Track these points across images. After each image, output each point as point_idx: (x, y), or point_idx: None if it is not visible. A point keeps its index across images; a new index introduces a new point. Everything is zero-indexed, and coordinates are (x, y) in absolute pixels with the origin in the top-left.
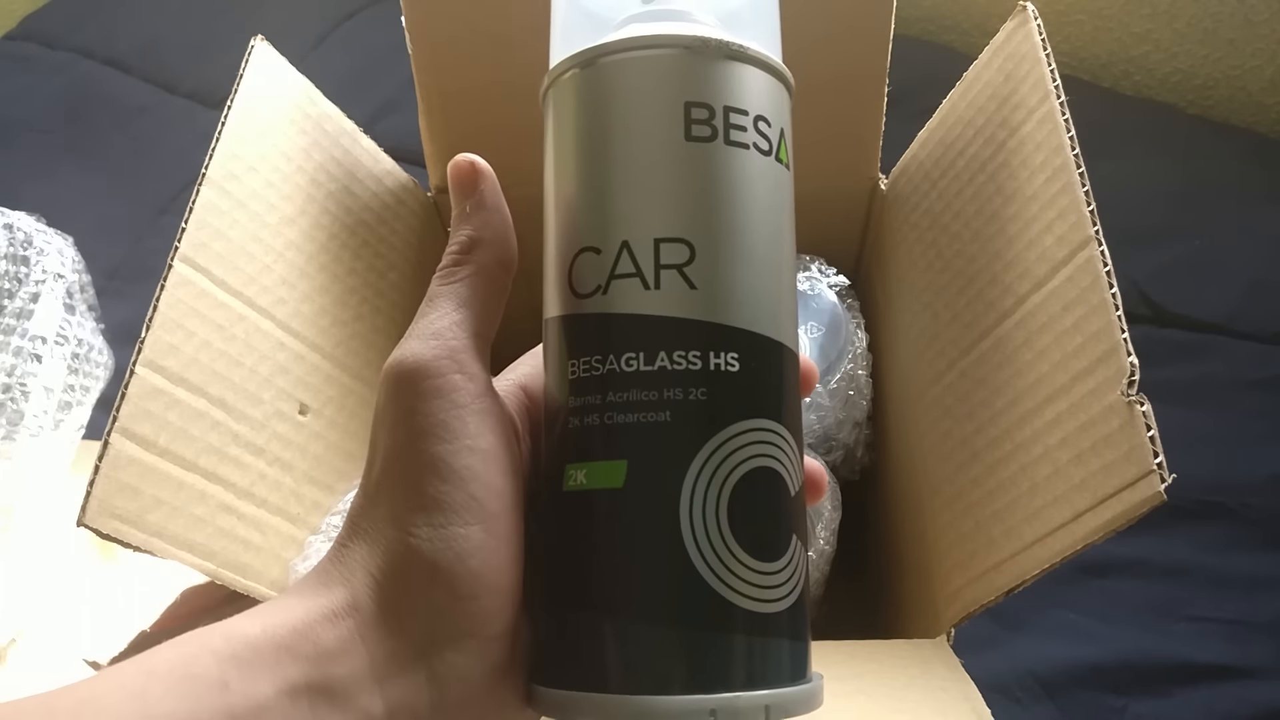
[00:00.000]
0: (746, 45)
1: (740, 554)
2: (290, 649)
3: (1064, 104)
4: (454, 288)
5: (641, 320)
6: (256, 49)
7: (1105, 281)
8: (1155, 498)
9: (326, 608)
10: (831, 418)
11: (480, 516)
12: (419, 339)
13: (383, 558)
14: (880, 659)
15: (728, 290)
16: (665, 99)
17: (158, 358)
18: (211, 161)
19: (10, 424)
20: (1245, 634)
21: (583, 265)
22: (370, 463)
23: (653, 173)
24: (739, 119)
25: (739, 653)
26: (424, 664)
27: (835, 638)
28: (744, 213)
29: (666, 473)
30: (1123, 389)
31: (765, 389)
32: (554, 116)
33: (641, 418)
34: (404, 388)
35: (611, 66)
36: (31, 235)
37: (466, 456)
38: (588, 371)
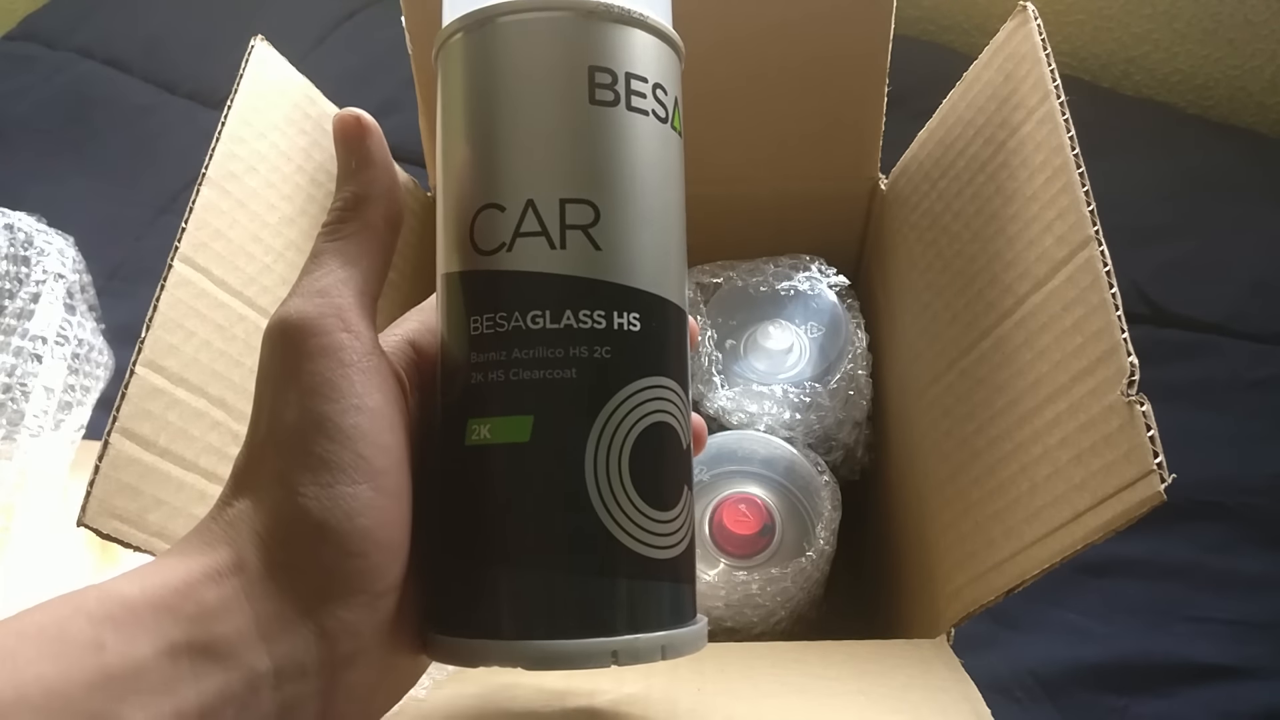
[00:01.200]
0: (646, 12)
1: (640, 504)
2: (171, 609)
3: (1064, 104)
4: (339, 244)
5: (548, 279)
6: (256, 49)
7: (1105, 281)
8: (1155, 498)
9: (209, 567)
10: (831, 418)
11: (368, 474)
12: (303, 296)
13: (269, 516)
14: (880, 659)
15: (631, 252)
16: (569, 62)
17: (158, 358)
18: (211, 161)
19: (10, 424)
20: (1245, 634)
21: (485, 222)
22: (255, 421)
23: (558, 134)
24: (639, 85)
25: (637, 596)
26: (312, 621)
27: (835, 637)
28: (646, 178)
29: (572, 428)
30: (1123, 389)
31: (663, 348)
32: (452, 72)
33: (547, 374)
34: (289, 346)
35: (512, 26)
36: (32, 235)
37: (354, 415)
38: (491, 328)
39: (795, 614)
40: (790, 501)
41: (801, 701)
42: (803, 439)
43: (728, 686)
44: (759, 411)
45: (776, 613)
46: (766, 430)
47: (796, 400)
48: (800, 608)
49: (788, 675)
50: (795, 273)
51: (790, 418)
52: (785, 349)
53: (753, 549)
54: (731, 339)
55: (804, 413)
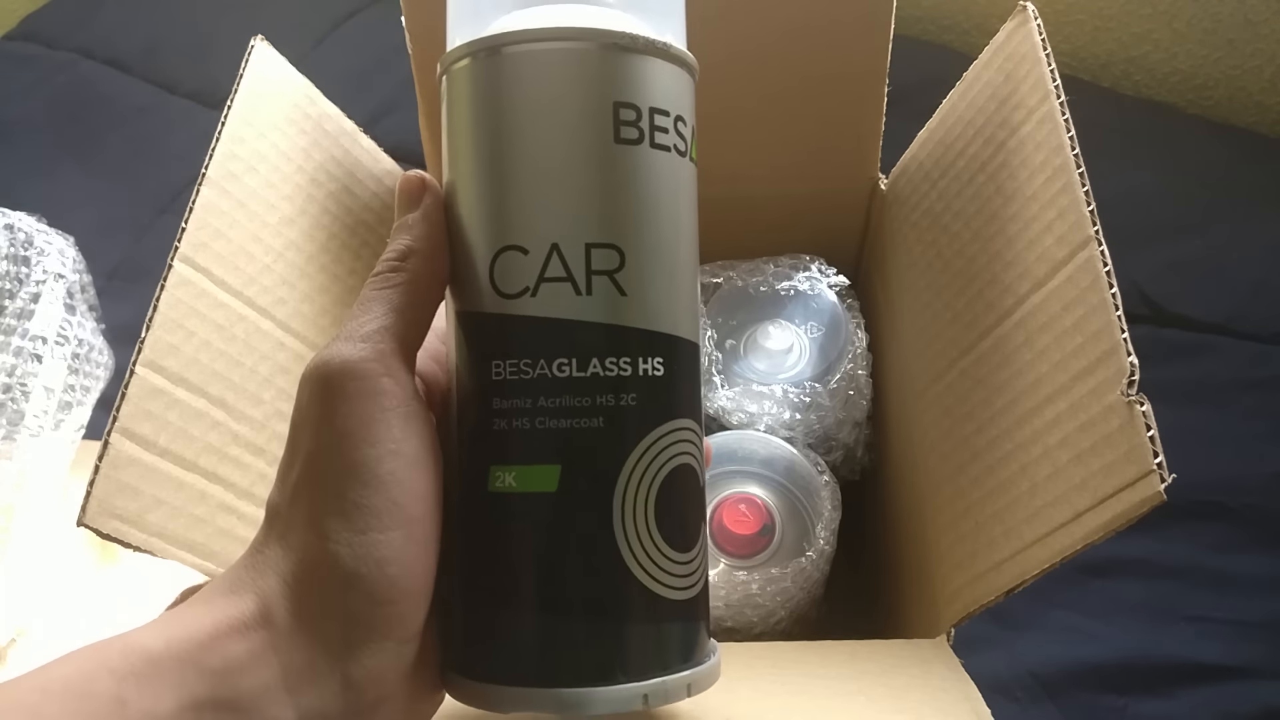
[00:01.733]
0: (670, 41)
1: (664, 547)
2: (195, 662)
3: (1064, 104)
4: (387, 293)
5: (574, 326)
6: (256, 49)
7: (1105, 281)
8: (1155, 498)
9: (236, 618)
10: (831, 418)
11: (401, 522)
12: (347, 341)
13: (299, 564)
14: (880, 659)
15: (656, 297)
16: (593, 98)
17: (158, 358)
18: (211, 161)
19: (10, 424)
20: (1245, 634)
21: (507, 264)
22: (288, 464)
23: (582, 175)
24: (662, 120)
25: (663, 639)
26: (339, 670)
27: (835, 637)
28: (669, 219)
29: (601, 477)
30: (1123, 389)
31: (684, 390)
32: (464, 101)
33: (574, 423)
34: (330, 389)
35: (531, 56)
36: (32, 235)
37: (390, 461)
38: (515, 374)
39: (795, 614)
40: (790, 501)
41: (802, 702)
42: (803, 439)
43: (728, 686)
44: (759, 411)
45: (776, 613)
46: (766, 430)
47: (796, 400)
48: (800, 608)
49: (788, 675)
50: (795, 273)
51: (790, 418)
52: (785, 349)
53: (753, 549)
54: (731, 339)
55: (804, 413)
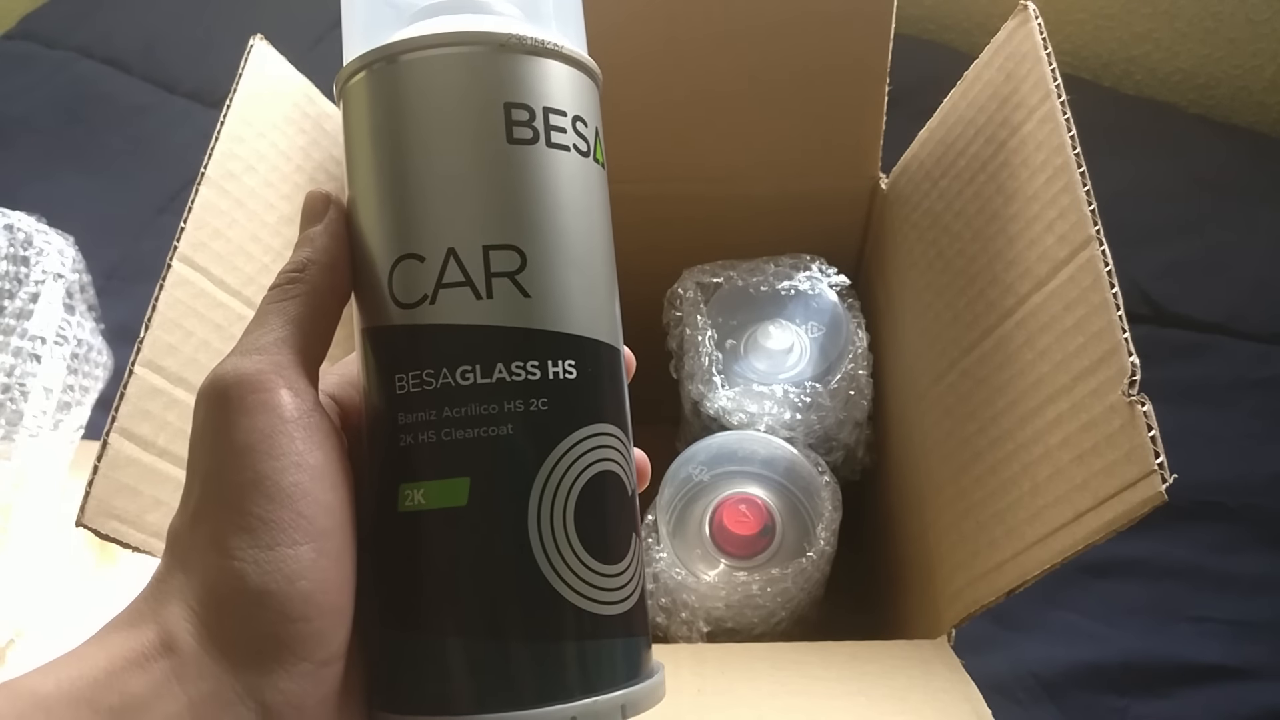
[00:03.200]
0: (561, 42)
1: (589, 560)
2: (90, 702)
3: (1065, 103)
4: (284, 305)
5: (476, 331)
6: (255, 48)
7: (1106, 281)
8: (1156, 498)
9: (134, 651)
10: (832, 418)
11: (310, 535)
12: (243, 355)
13: (202, 586)
14: (881, 660)
15: (561, 297)
16: (483, 99)
17: (156, 357)
18: (210, 161)
19: (9, 424)
20: (1246, 634)
21: (404, 273)
22: (188, 488)
23: (476, 177)
24: (558, 120)
25: (592, 657)
26: (252, 697)
27: (835, 638)
28: (571, 217)
29: (512, 487)
30: (1124, 389)
31: (601, 393)
32: (357, 114)
33: (482, 432)
34: (226, 403)
35: (420, 63)
36: (31, 235)
37: (294, 474)
38: (418, 386)
39: (796, 614)
40: (791, 502)
41: (802, 702)
42: (803, 439)
43: (728, 687)
44: (759, 411)
45: (777, 613)
46: (767, 430)
47: (797, 400)
48: (801, 608)
49: (788, 676)
50: (796, 272)
51: (791, 418)
52: (786, 349)
53: (753, 549)
54: (732, 339)
55: (804, 413)
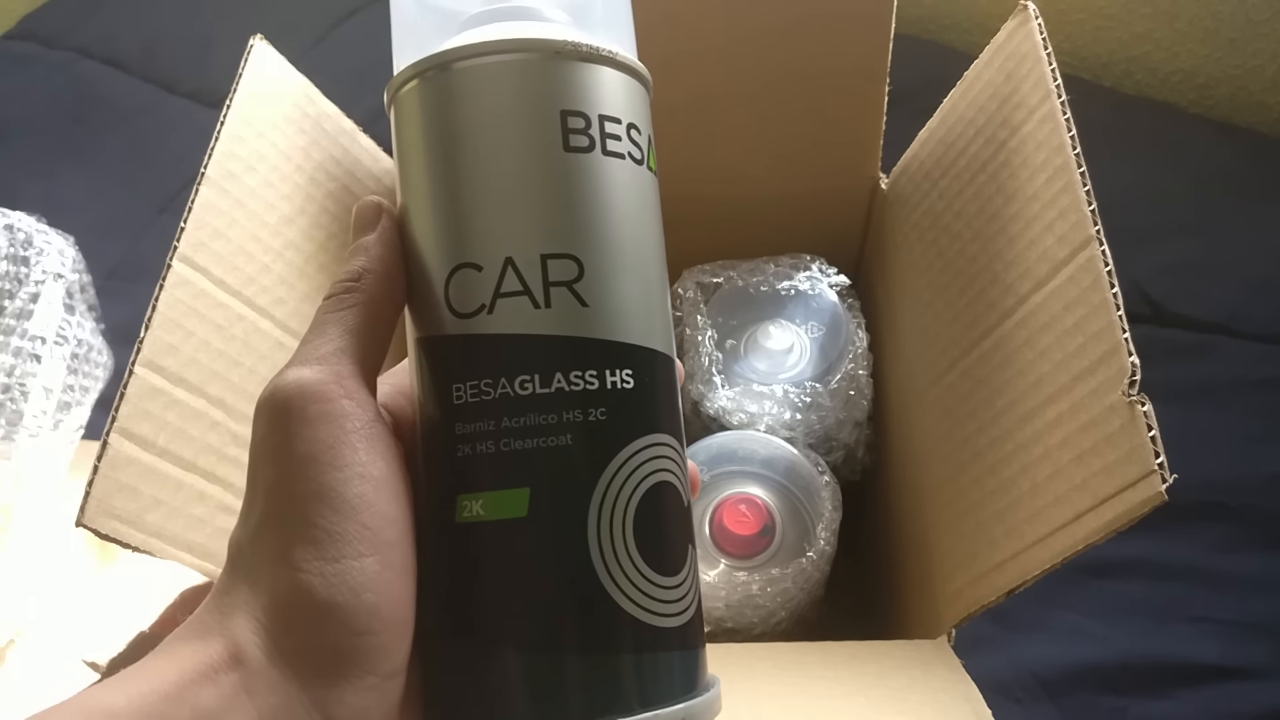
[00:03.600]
0: (615, 49)
1: (648, 572)
2: (162, 716)
3: (1065, 103)
4: (342, 315)
5: (535, 341)
6: (255, 48)
7: (1106, 281)
8: (1156, 498)
9: (204, 664)
10: (832, 418)
11: (375, 547)
12: (304, 365)
13: (269, 599)
14: (881, 660)
15: (619, 306)
16: (539, 107)
17: (156, 357)
18: (210, 161)
19: (9, 424)
20: (1246, 634)
21: (461, 282)
22: (250, 501)
23: (533, 186)
24: (614, 128)
25: (651, 670)
26: (319, 710)
27: (835, 638)
28: (627, 226)
29: (572, 497)
30: (1124, 389)
31: (658, 403)
32: (410, 121)
33: (541, 442)
34: (288, 414)
35: (474, 71)
36: (32, 235)
37: (358, 484)
38: (476, 396)
39: (796, 614)
40: (790, 502)
41: (802, 703)
42: (803, 439)
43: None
44: (759, 411)
45: (777, 613)
46: (767, 430)
47: (797, 400)
48: (801, 608)
49: (788, 676)
50: (796, 272)
51: (791, 418)
52: (785, 349)
53: (753, 549)
54: (732, 339)
55: (804, 413)
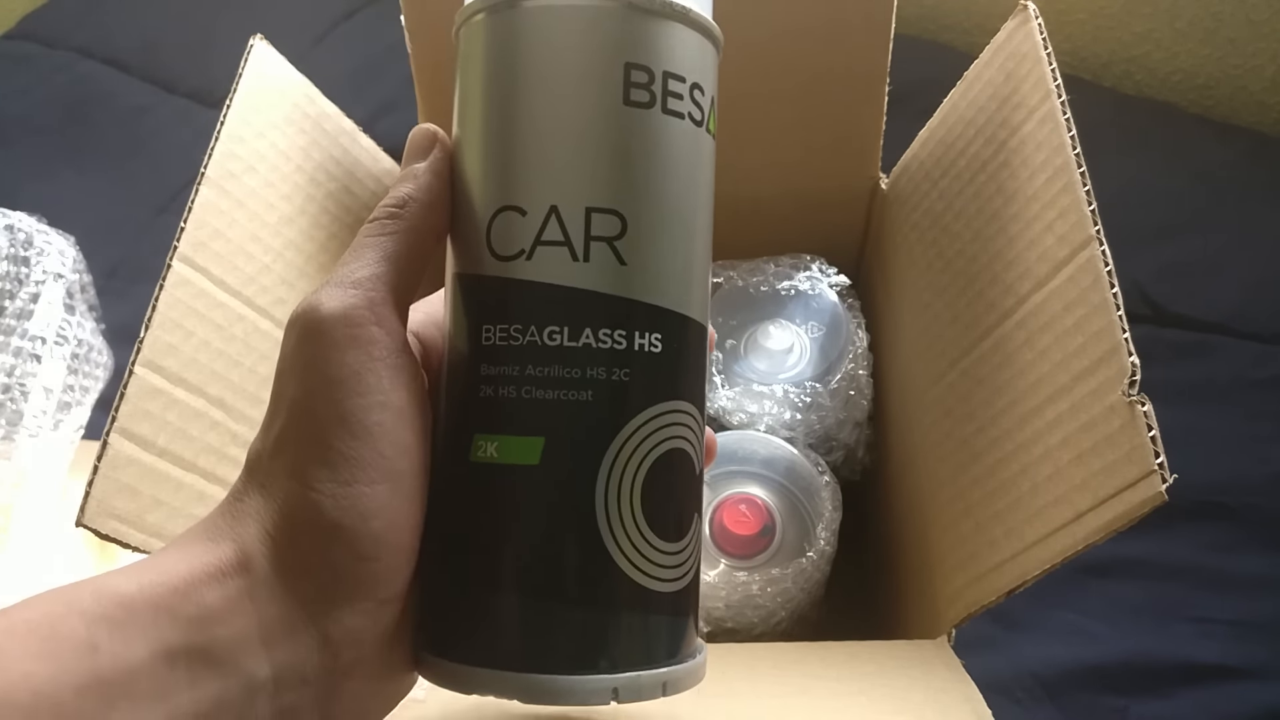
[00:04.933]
0: (689, 4)
1: (650, 535)
2: (169, 609)
3: (1065, 103)
4: (382, 240)
5: (568, 293)
6: (255, 48)
7: (1106, 281)
8: (1157, 498)
9: (213, 565)
10: (832, 418)
11: (387, 475)
12: (338, 286)
13: (279, 513)
14: (880, 660)
15: (657, 269)
16: (604, 57)
17: (156, 357)
18: (210, 161)
19: (9, 424)
20: (1247, 634)
21: (504, 224)
22: (273, 412)
23: (587, 136)
24: (677, 86)
25: (641, 632)
26: (316, 626)
27: (835, 638)
28: (678, 189)
29: (585, 453)
30: (1124, 389)
31: (684, 370)
32: (473, 55)
33: (562, 395)
34: (318, 335)
35: (542, 12)
36: (32, 235)
37: (378, 412)
38: (505, 340)
39: (796, 614)
40: (791, 502)
41: (802, 702)
42: (803, 439)
43: (728, 688)
44: (759, 411)
45: (777, 613)
46: (767, 430)
47: (797, 400)
48: (801, 608)
49: (788, 676)
50: (796, 272)
51: (791, 418)
52: (786, 349)
53: (753, 549)
54: (732, 339)
55: (804, 413)
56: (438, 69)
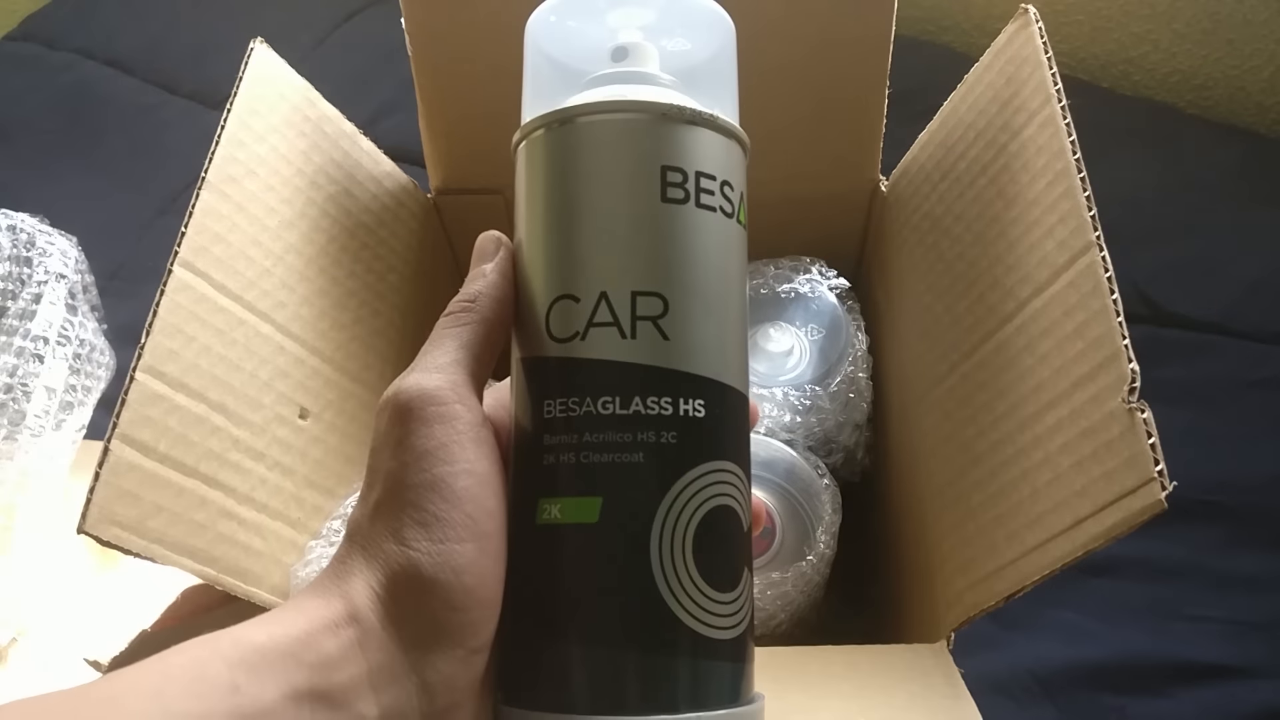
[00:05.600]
0: (715, 112)
1: (703, 585)
2: (295, 656)
3: (1065, 108)
4: (458, 330)
5: (618, 367)
6: (256, 51)
7: (1106, 287)
8: (1156, 505)
9: (329, 618)
10: (831, 420)
11: (475, 535)
12: (423, 371)
13: (382, 571)
14: (878, 666)
15: (696, 342)
16: (643, 162)
17: (157, 363)
18: (210, 165)
19: (12, 424)
20: (1245, 634)
21: (561, 312)
22: (370, 485)
23: (631, 230)
24: (708, 184)
25: (699, 676)
26: (416, 673)
27: (834, 639)
28: (712, 271)
29: (639, 510)
30: (1124, 396)
31: (726, 433)
32: (531, 167)
33: (616, 458)
34: (409, 414)
35: (590, 126)
36: (34, 236)
37: (465, 479)
38: (564, 411)
39: (795, 616)
40: (790, 504)
41: (801, 700)
42: (803, 442)
43: None
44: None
45: (776, 616)
46: (766, 433)
47: (797, 403)
48: (800, 610)
49: (786, 681)
50: (796, 275)
51: (790, 420)
52: (785, 351)
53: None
54: None
55: (804, 415)
56: (438, 71)
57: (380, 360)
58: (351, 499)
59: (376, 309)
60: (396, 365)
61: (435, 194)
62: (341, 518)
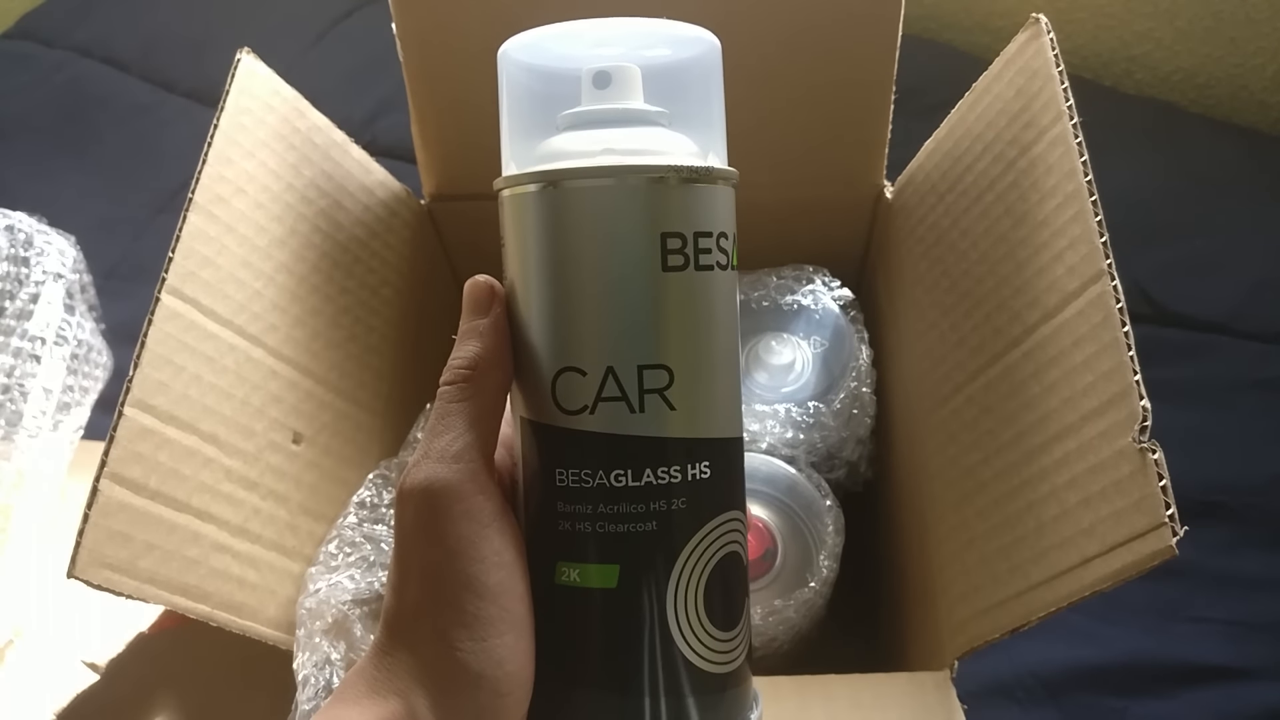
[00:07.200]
0: (710, 165)
1: (711, 629)
2: None
3: (1077, 126)
4: (464, 406)
5: (629, 441)
6: (243, 62)
7: (1118, 319)
8: (1167, 551)
9: (388, 715)
10: (835, 436)
11: (511, 625)
12: (441, 462)
13: (432, 669)
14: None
15: (700, 406)
16: (642, 232)
17: (146, 396)
18: (198, 185)
19: (9, 424)
20: (1246, 634)
21: (567, 384)
22: (404, 578)
23: (634, 305)
24: (705, 242)
25: (710, 707)
26: None
27: (837, 658)
28: (714, 335)
29: (656, 573)
30: (1134, 435)
31: (729, 485)
32: (520, 225)
33: (631, 528)
34: (434, 511)
35: (582, 193)
36: (32, 236)
37: (496, 573)
38: (577, 482)
39: (797, 637)
40: (793, 523)
41: None
42: (805, 458)
43: None
44: (761, 431)
45: (778, 638)
46: (768, 450)
47: (800, 420)
48: (802, 632)
49: (790, 713)
50: (798, 285)
51: (793, 437)
52: (788, 363)
53: (754, 574)
54: None
55: (807, 432)
56: (429, 75)
57: (375, 378)
58: (346, 520)
59: (370, 325)
60: (391, 381)
61: (429, 200)
62: (336, 540)
